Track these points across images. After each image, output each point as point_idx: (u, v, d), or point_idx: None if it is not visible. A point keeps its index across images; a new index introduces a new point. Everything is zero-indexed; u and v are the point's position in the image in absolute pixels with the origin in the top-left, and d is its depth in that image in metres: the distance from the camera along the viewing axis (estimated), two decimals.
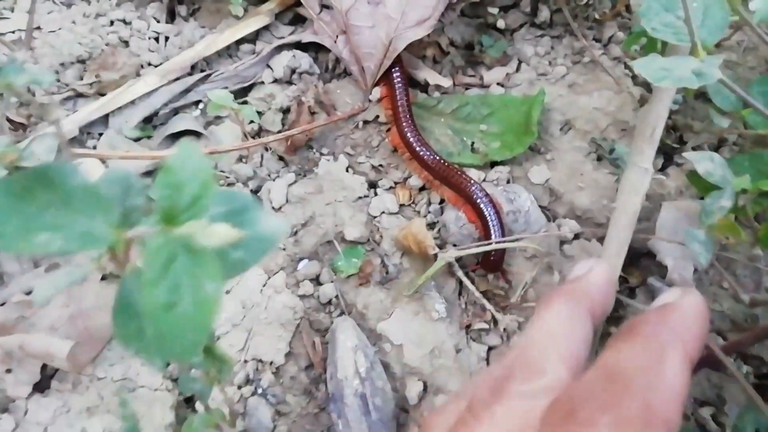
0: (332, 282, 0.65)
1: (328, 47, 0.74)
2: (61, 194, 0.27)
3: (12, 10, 0.74)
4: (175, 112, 0.72)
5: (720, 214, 0.59)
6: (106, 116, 0.70)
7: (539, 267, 0.66)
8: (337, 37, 0.72)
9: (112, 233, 0.27)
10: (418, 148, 0.69)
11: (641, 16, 0.56)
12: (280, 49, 0.74)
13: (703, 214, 0.61)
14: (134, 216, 0.32)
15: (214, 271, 0.25)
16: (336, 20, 0.72)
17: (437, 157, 0.68)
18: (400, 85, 0.70)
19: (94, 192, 0.28)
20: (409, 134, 0.69)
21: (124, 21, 0.76)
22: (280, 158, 0.73)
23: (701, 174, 0.61)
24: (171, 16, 0.79)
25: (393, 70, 0.71)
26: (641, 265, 0.71)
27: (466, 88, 0.78)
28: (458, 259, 0.65)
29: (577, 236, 0.71)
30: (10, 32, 0.71)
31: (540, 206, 0.71)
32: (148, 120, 0.71)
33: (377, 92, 0.73)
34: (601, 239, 0.72)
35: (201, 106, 0.72)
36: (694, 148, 0.74)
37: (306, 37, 0.74)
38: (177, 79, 0.72)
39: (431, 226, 0.70)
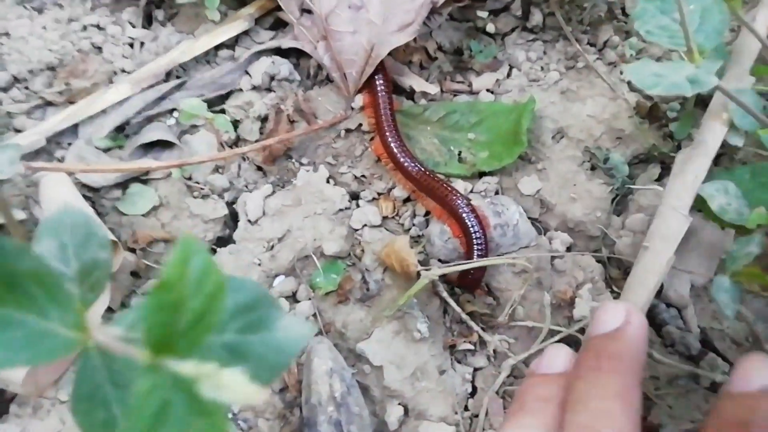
0: (310, 299, 0.62)
1: (308, 53, 0.71)
2: (8, 285, 0.21)
3: None
4: (149, 120, 0.69)
5: (746, 261, 0.54)
6: (76, 126, 0.67)
7: (528, 283, 0.62)
8: (318, 42, 0.69)
9: (73, 337, 0.21)
10: (401, 159, 0.65)
11: (635, 19, 0.52)
12: (259, 55, 0.71)
13: (729, 260, 0.56)
14: (96, 277, 0.26)
15: (220, 426, 0.19)
16: (317, 25, 0.69)
17: (422, 168, 0.65)
18: (383, 92, 0.67)
19: (49, 279, 0.22)
20: (392, 144, 0.65)
21: (98, 26, 0.73)
22: (258, 168, 0.69)
23: (715, 212, 0.57)
24: (148, 21, 0.76)
25: (376, 76, 0.68)
26: None
27: (454, 95, 0.74)
28: (442, 276, 0.62)
29: (569, 249, 0.68)
30: None
31: (530, 218, 0.68)
32: (120, 129, 0.68)
33: (360, 99, 0.70)
34: (594, 252, 0.68)
35: (176, 114, 0.69)
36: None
37: (286, 42, 0.71)
38: (151, 86, 0.68)
39: (416, 239, 0.67)
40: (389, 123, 0.66)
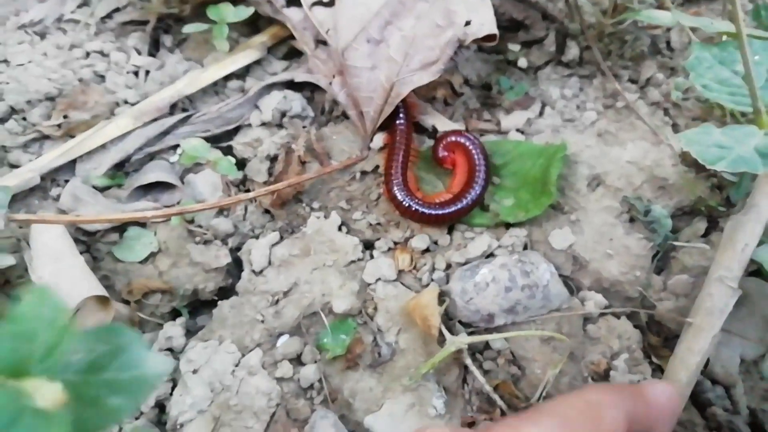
0: (315, 363, 0.56)
1: (323, 87, 0.65)
2: None
3: None
4: (151, 157, 0.64)
5: None
6: (74, 161, 0.62)
7: (562, 362, 0.55)
8: (333, 77, 0.64)
9: None
10: (406, 204, 0.60)
11: (689, 70, 0.46)
12: (270, 88, 0.66)
13: None
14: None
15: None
16: (332, 59, 0.63)
17: (434, 212, 0.60)
18: (401, 134, 0.61)
19: None
20: (398, 194, 0.60)
21: (101, 53, 0.68)
22: (266, 211, 0.64)
23: (758, 261, 0.51)
24: (155, 47, 0.72)
25: (398, 116, 0.62)
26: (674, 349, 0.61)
27: (481, 135, 0.68)
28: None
29: (603, 312, 0.61)
30: None
31: (561, 276, 0.62)
32: (119, 165, 0.63)
33: (379, 139, 0.64)
34: (630, 316, 0.62)
35: (180, 150, 0.65)
36: None
37: (299, 76, 0.66)
38: (154, 120, 0.64)
39: (439, 297, 0.61)
40: (397, 169, 0.61)
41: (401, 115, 0.63)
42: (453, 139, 0.63)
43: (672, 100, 0.69)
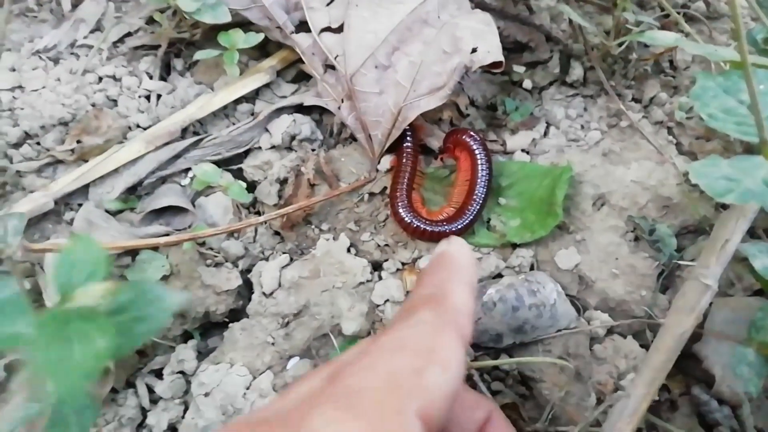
0: None
1: (332, 111, 0.66)
2: None
3: None
4: (163, 180, 0.65)
5: None
6: (87, 185, 0.63)
7: (568, 385, 0.56)
8: (342, 101, 0.65)
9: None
10: (411, 222, 0.61)
11: (694, 99, 0.47)
12: (279, 112, 0.67)
13: (752, 328, 0.52)
14: None
15: (104, 328, 0.33)
16: (341, 83, 0.64)
17: (437, 229, 0.61)
18: (408, 156, 0.62)
19: None
20: (402, 213, 0.61)
21: (113, 77, 0.70)
22: (276, 233, 0.65)
23: (758, 271, 0.52)
24: (166, 71, 0.73)
25: (406, 139, 0.63)
26: (685, 369, 0.61)
27: None
28: (474, 360, 0.57)
29: (610, 331, 0.62)
30: None
31: (568, 295, 0.62)
32: (132, 189, 0.64)
33: (387, 161, 0.65)
34: (636, 336, 0.62)
35: (191, 174, 0.66)
36: (749, 232, 0.64)
37: (309, 99, 0.67)
38: (165, 144, 0.65)
39: None
40: (402, 190, 0.62)
41: (408, 137, 0.64)
42: (458, 136, 0.64)
43: (676, 120, 0.70)
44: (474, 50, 0.60)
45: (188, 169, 0.66)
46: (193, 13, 0.66)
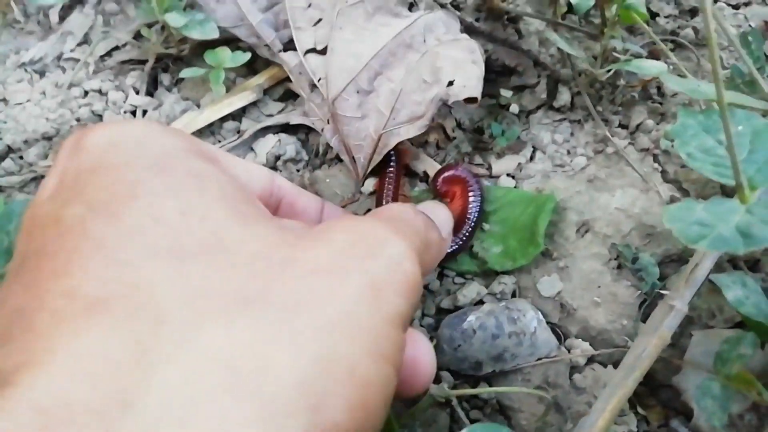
0: None
1: (317, 131, 0.66)
2: None
3: None
4: None
5: (740, 363, 0.51)
6: None
7: (547, 414, 0.56)
8: (327, 122, 0.65)
9: None
10: None
11: (674, 137, 0.47)
12: (265, 131, 0.67)
13: (718, 360, 0.53)
14: None
15: None
16: (326, 104, 0.64)
17: None
18: (390, 180, 0.62)
19: None
20: None
21: (99, 91, 0.69)
22: None
23: (730, 302, 0.53)
24: (153, 86, 0.73)
25: (390, 162, 0.63)
26: (663, 400, 0.61)
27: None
28: (453, 388, 0.57)
29: (590, 360, 0.62)
30: None
31: (549, 323, 0.62)
32: None
33: (370, 183, 0.65)
34: (617, 364, 0.62)
35: None
36: (731, 263, 0.64)
37: (294, 118, 0.67)
38: None
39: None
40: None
41: (392, 161, 0.64)
42: (452, 173, 0.64)
43: (661, 147, 0.70)
44: (450, 83, 0.60)
45: None
46: (180, 29, 0.66)
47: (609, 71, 0.68)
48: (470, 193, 0.62)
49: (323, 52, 0.65)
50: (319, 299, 0.24)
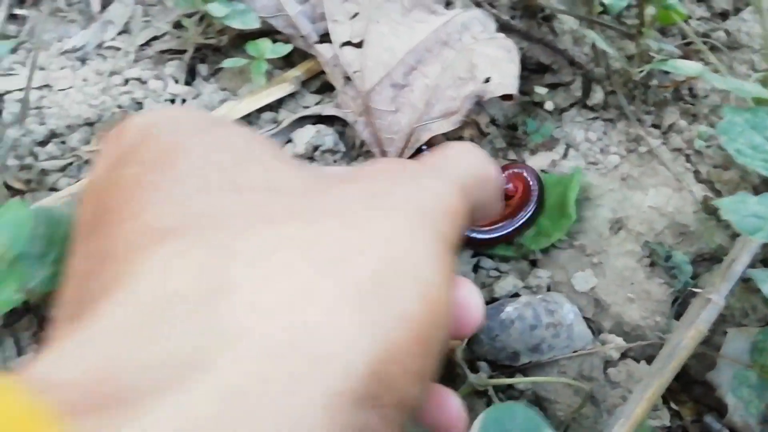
0: None
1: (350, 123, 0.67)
2: None
3: (24, 64, 0.70)
4: None
5: None
6: None
7: (580, 396, 0.57)
8: (360, 115, 0.65)
9: None
10: None
11: (721, 134, 0.48)
12: (303, 121, 0.68)
13: (754, 351, 0.54)
14: None
15: None
16: (360, 96, 0.65)
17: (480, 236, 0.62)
18: None
19: None
20: None
21: (139, 80, 0.70)
22: None
23: (766, 295, 0.53)
24: (192, 75, 0.73)
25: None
26: (696, 396, 0.62)
27: None
28: (490, 377, 0.57)
29: (623, 355, 0.63)
30: (17, 90, 0.66)
31: (583, 318, 0.63)
32: None
33: None
34: (650, 360, 0.63)
35: None
36: (764, 262, 0.65)
37: (328, 110, 0.67)
38: None
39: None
40: None
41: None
42: (515, 170, 0.66)
43: (694, 148, 0.71)
44: (487, 80, 0.61)
45: None
46: (222, 19, 0.67)
47: (642, 71, 0.69)
48: (532, 193, 0.63)
49: (359, 45, 0.65)
50: (380, 211, 0.24)
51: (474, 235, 0.62)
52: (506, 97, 0.63)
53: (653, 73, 0.73)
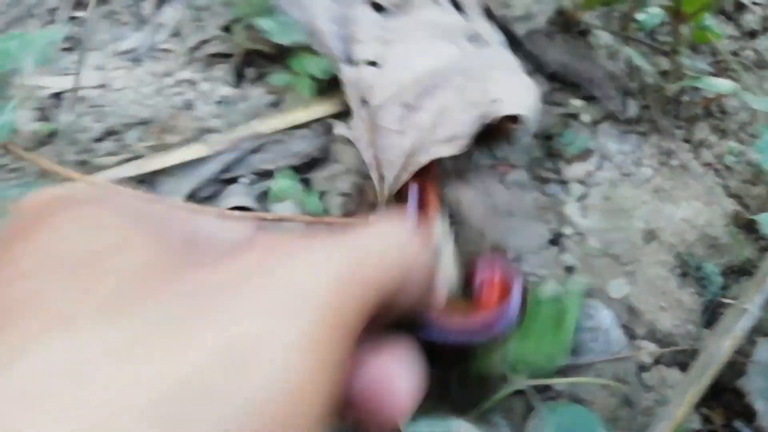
0: None
1: (353, 143, 0.67)
2: None
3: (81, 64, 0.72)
4: (230, 182, 0.68)
5: None
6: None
7: (616, 398, 0.59)
8: (365, 135, 0.65)
9: None
10: None
11: (759, 152, 0.50)
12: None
13: None
14: None
15: None
16: (368, 115, 0.66)
17: None
18: (411, 210, 0.60)
19: None
20: None
21: (190, 82, 0.73)
22: None
23: None
24: (239, 79, 0.76)
25: (411, 189, 0.62)
26: (725, 402, 0.64)
27: (544, 183, 0.72)
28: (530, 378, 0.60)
29: (656, 361, 0.65)
30: (73, 89, 0.69)
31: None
32: (199, 189, 0.67)
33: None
34: (682, 367, 0.65)
35: (248, 177, 0.68)
36: None
37: (339, 128, 0.68)
38: (235, 147, 0.68)
39: None
40: None
41: (416, 189, 0.61)
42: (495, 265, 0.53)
43: (724, 163, 0.73)
44: (494, 101, 0.61)
45: (257, 173, 0.69)
46: (267, 33, 0.69)
47: (678, 87, 0.72)
48: (512, 297, 0.48)
49: (379, 66, 0.66)
50: (244, 294, 0.22)
51: (429, 335, 0.43)
52: (511, 119, 0.63)
53: (685, 89, 0.76)
